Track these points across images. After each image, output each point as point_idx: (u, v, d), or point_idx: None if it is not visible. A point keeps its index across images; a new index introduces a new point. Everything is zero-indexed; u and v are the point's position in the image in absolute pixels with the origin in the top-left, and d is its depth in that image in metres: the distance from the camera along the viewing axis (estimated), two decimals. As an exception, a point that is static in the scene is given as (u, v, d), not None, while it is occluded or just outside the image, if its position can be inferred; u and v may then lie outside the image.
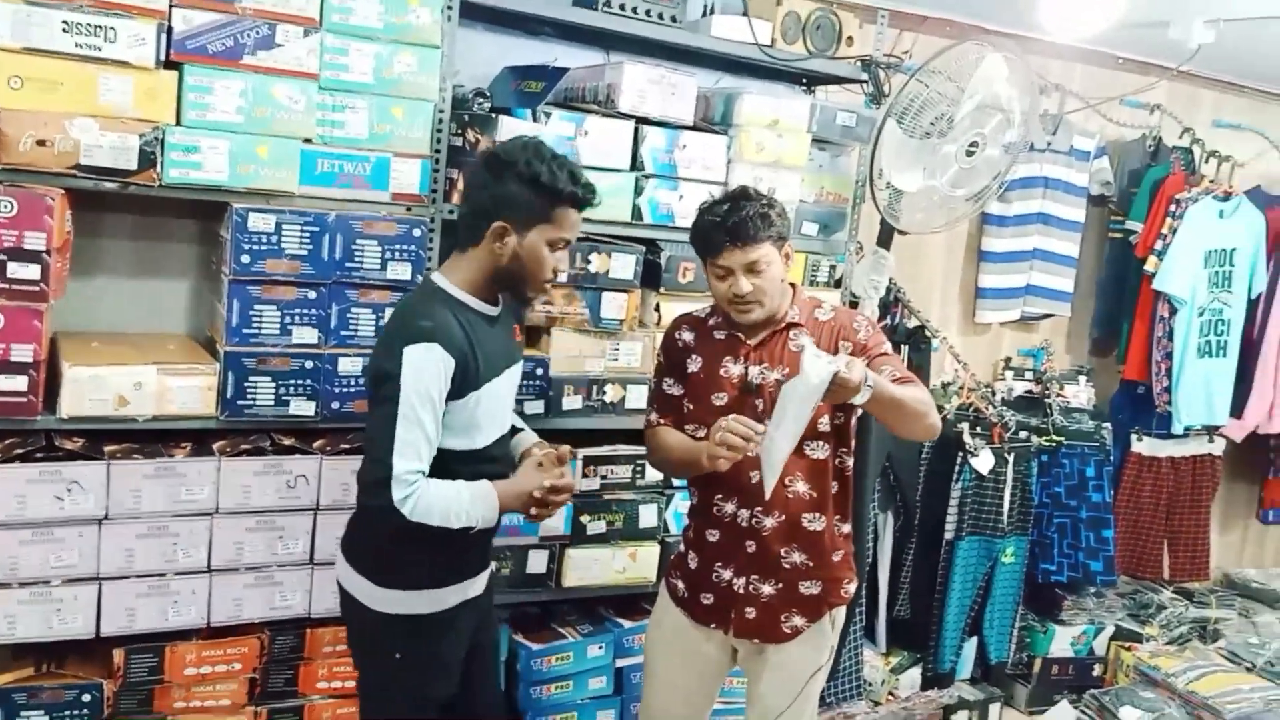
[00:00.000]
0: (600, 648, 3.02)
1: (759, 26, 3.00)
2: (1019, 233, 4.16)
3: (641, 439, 2.47)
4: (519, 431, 2.32)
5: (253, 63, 2.38)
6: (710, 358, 2.32)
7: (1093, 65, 4.19)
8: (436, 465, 2.00)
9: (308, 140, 2.48)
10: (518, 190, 2.02)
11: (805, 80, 3.42)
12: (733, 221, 2.17)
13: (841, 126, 3.16)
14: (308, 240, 2.47)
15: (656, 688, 2.48)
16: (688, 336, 2.37)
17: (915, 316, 3.77)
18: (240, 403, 2.47)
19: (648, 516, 3.01)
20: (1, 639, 2.35)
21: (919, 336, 3.75)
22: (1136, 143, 4.34)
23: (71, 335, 2.54)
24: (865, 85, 3.26)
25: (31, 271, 2.22)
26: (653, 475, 2.96)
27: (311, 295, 2.51)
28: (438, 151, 2.64)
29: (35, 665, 2.45)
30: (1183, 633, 4.25)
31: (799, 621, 2.31)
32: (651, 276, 2.98)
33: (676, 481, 2.97)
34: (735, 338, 2.31)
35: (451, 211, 2.62)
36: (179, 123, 2.34)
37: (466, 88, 2.80)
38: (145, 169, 2.30)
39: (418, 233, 2.58)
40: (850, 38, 3.15)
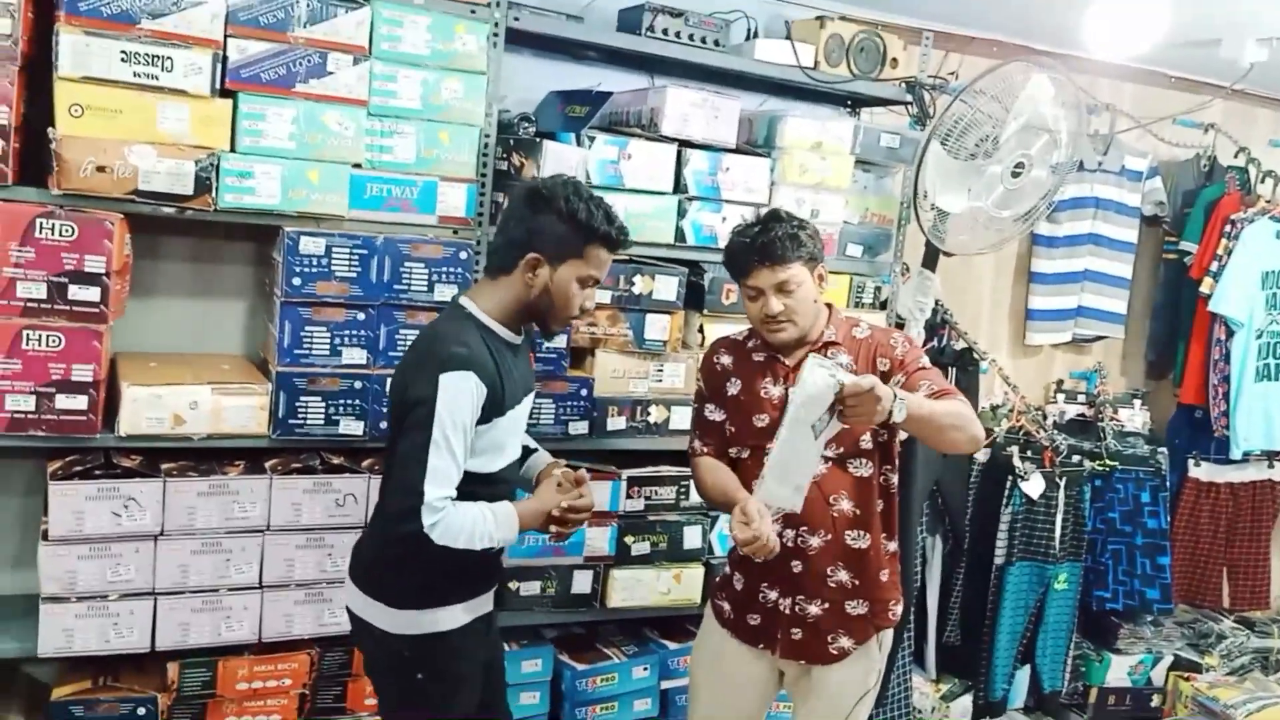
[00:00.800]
0: (645, 669, 3.02)
1: (802, 49, 3.02)
2: (1070, 254, 4.12)
3: (686, 460, 2.47)
4: (532, 452, 2.34)
5: (304, 90, 2.45)
6: (749, 380, 2.32)
7: (1143, 84, 4.15)
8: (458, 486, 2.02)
9: (357, 165, 2.53)
10: (555, 225, 2.05)
11: (850, 102, 3.43)
12: (762, 242, 2.19)
13: (885, 148, 3.17)
14: (357, 263, 2.52)
15: (702, 710, 2.46)
16: (726, 360, 2.38)
17: (962, 339, 3.74)
18: (291, 422, 2.52)
19: (692, 538, 3.01)
20: (59, 652, 2.41)
21: (966, 359, 3.71)
22: (1190, 162, 4.28)
23: (130, 355, 2.60)
24: (910, 106, 3.26)
25: (92, 294, 2.29)
26: (696, 497, 2.94)
27: (360, 317, 2.55)
28: (484, 175, 2.68)
29: (92, 678, 2.50)
30: (1244, 663, 4.16)
31: (846, 643, 2.29)
32: (695, 298, 3.00)
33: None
34: (774, 359, 2.31)
35: (498, 235, 2.66)
36: (233, 149, 2.41)
37: (512, 112, 2.84)
38: (201, 194, 2.37)
39: (464, 255, 2.62)
40: (895, 59, 3.16)
